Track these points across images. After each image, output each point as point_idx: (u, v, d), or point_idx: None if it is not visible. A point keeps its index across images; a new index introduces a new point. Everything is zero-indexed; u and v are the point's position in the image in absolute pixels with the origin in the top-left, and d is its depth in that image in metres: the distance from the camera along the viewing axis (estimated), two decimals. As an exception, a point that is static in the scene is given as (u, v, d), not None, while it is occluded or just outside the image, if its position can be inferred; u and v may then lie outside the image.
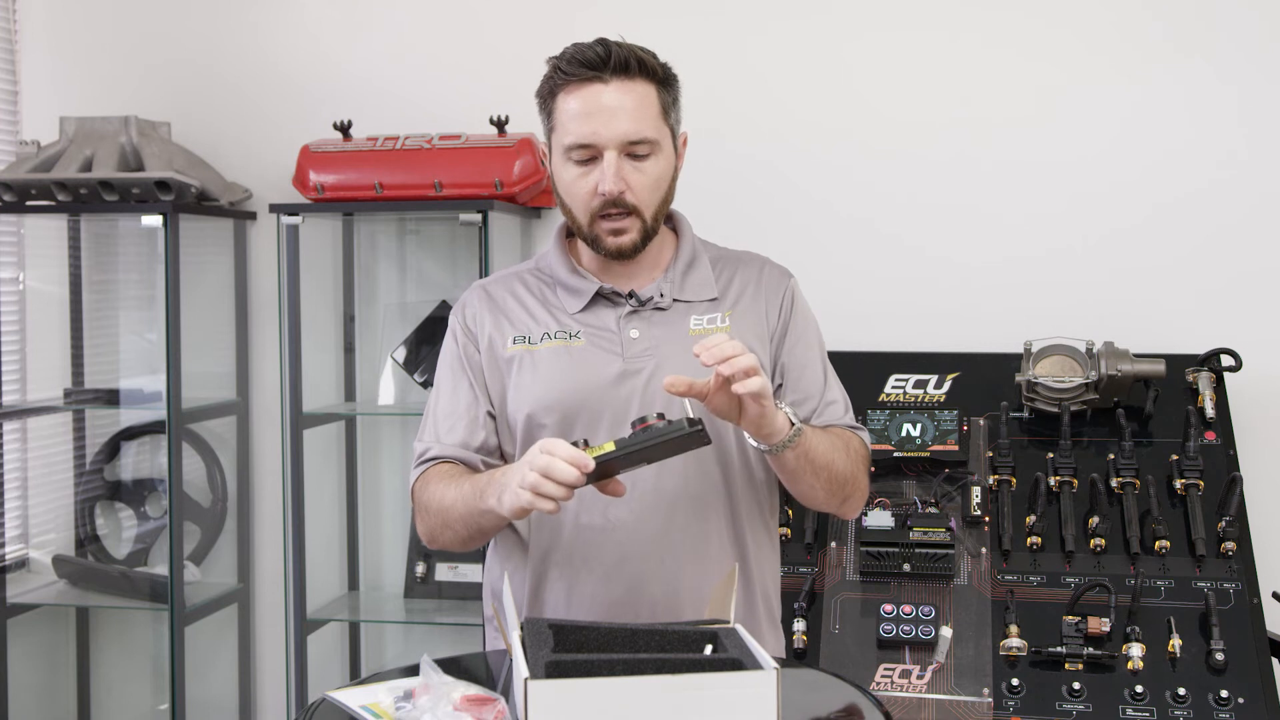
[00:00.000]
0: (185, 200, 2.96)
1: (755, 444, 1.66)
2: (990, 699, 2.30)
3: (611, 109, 1.72)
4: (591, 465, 1.50)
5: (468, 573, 3.09)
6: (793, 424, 1.64)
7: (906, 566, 2.44)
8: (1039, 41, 2.87)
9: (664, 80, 1.78)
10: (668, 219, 1.90)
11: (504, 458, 1.85)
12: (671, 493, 1.77)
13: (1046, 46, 2.87)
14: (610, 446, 1.53)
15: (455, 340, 1.88)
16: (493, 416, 1.85)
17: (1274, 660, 2.34)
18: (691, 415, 1.53)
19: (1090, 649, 2.32)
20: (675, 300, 1.84)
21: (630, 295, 1.83)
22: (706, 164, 3.00)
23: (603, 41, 1.75)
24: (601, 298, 1.83)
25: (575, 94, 1.74)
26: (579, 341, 1.80)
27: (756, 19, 2.99)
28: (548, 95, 1.78)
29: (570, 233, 1.89)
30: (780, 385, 1.86)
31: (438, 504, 1.75)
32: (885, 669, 2.35)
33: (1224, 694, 2.25)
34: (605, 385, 1.77)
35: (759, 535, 1.88)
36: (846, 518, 2.37)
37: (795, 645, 2.41)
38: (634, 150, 1.74)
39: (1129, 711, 2.27)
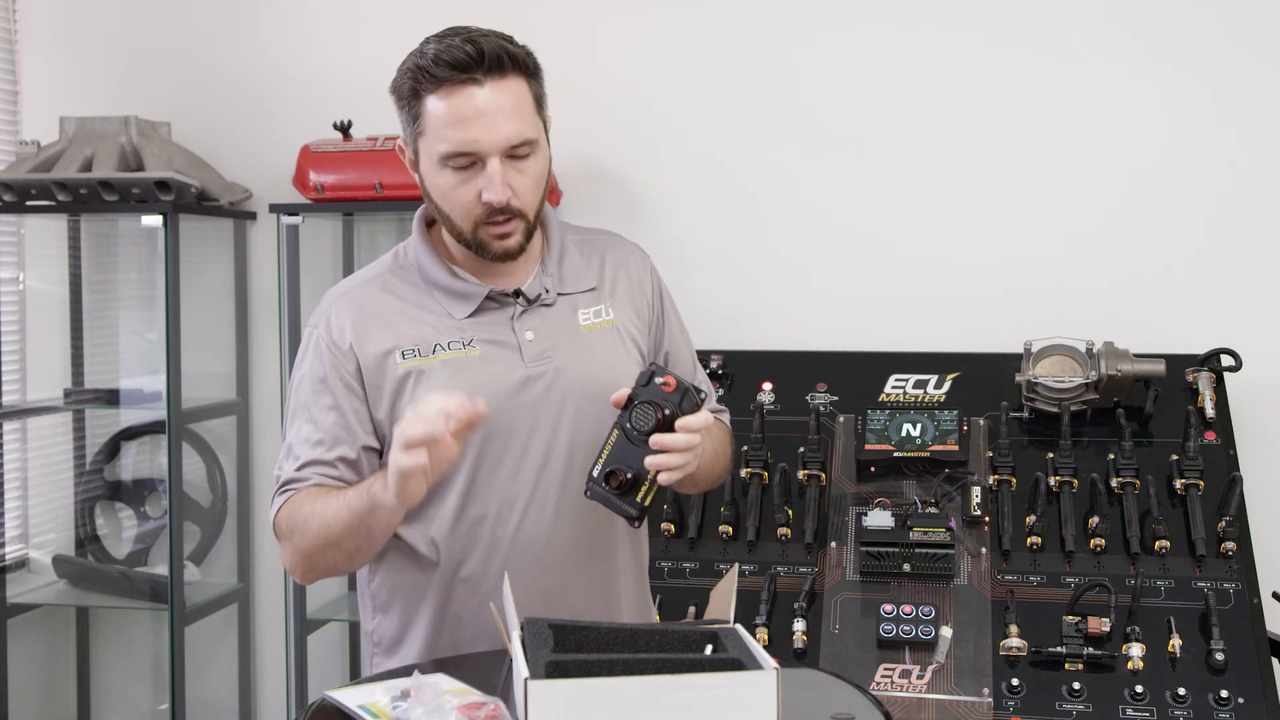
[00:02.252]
0: (185, 200, 2.96)
1: None
2: (990, 699, 2.30)
3: (490, 113, 1.61)
4: (468, 408, 1.46)
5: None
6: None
7: (906, 566, 2.44)
8: (1039, 39, 2.87)
9: (533, 71, 1.68)
10: None
11: None
12: (575, 500, 1.71)
13: (1046, 45, 2.87)
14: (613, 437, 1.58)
15: (320, 359, 1.71)
16: (371, 449, 1.71)
17: (1274, 660, 2.34)
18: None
19: (1090, 649, 2.32)
20: (559, 295, 1.79)
21: (517, 294, 1.75)
22: (708, 165, 3.01)
23: (472, 39, 1.62)
24: (489, 300, 1.74)
25: (447, 97, 1.61)
26: (474, 350, 1.71)
27: (761, 18, 2.99)
28: (410, 96, 1.65)
29: (430, 222, 1.79)
30: None
31: (318, 520, 1.62)
32: (885, 669, 2.35)
33: (1224, 694, 2.25)
34: (510, 394, 1.70)
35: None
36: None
37: (795, 645, 2.41)
38: (515, 152, 1.64)
39: (1129, 711, 2.27)
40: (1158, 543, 2.43)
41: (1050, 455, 2.58)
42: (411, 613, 1.77)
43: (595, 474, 1.60)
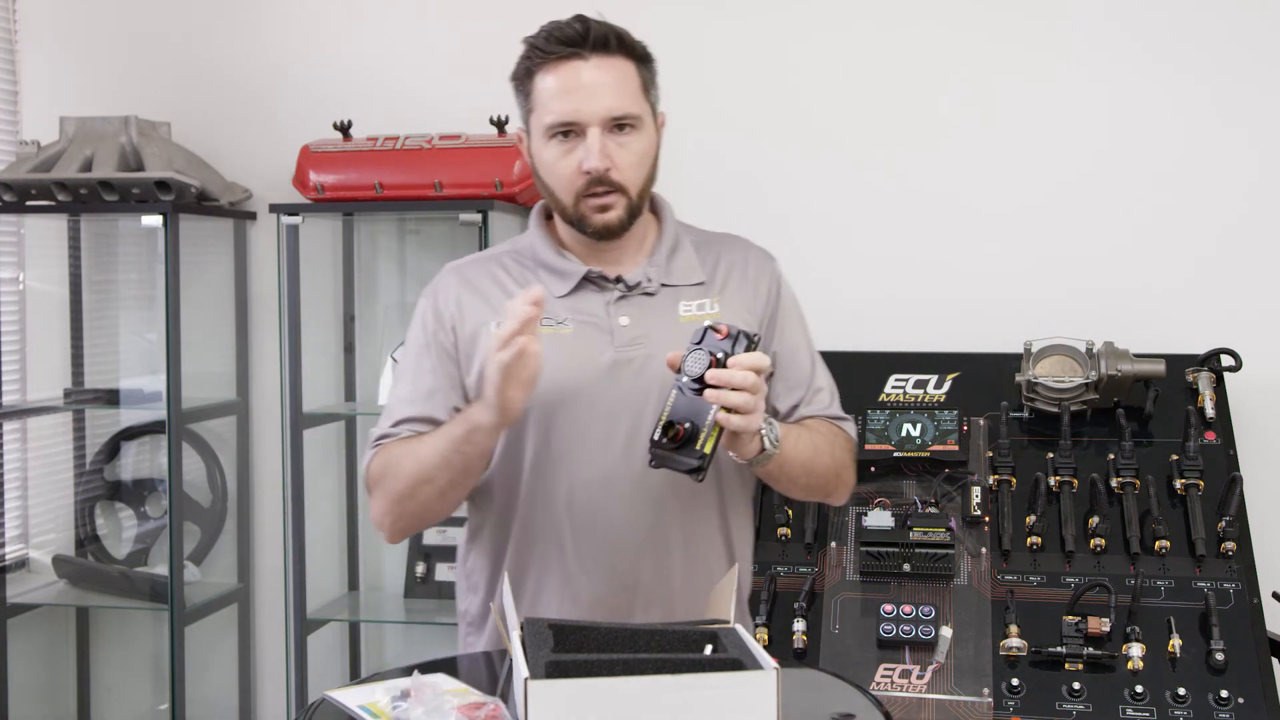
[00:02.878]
0: (185, 200, 2.96)
1: (730, 454, 1.63)
2: (990, 699, 2.30)
3: (593, 85, 1.68)
4: (538, 291, 1.53)
5: (468, 573, 3.09)
6: (764, 449, 1.62)
7: (906, 566, 2.44)
8: (1039, 39, 2.87)
9: (642, 58, 1.75)
10: (649, 201, 1.85)
11: None
12: (660, 486, 1.71)
13: (1046, 45, 2.87)
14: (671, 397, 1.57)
15: (424, 327, 1.80)
16: (459, 410, 1.75)
17: (1274, 660, 2.34)
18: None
19: (1090, 649, 2.32)
20: (663, 285, 1.79)
21: (618, 280, 1.78)
22: (708, 165, 3.01)
23: (581, 18, 1.71)
24: (588, 282, 1.77)
25: (554, 72, 1.69)
26: (567, 329, 1.74)
27: (761, 18, 2.99)
28: (524, 76, 1.73)
29: (549, 215, 1.84)
30: (771, 374, 1.83)
31: (412, 458, 1.68)
32: (885, 669, 2.35)
33: (1224, 694, 2.25)
34: (597, 376, 1.73)
35: (741, 518, 1.86)
36: (833, 504, 2.31)
37: (795, 645, 2.41)
38: (618, 126, 1.70)
39: (1129, 711, 2.27)
40: (1158, 543, 2.43)
41: (1050, 455, 2.58)
42: (493, 592, 1.80)
43: (655, 436, 1.56)
